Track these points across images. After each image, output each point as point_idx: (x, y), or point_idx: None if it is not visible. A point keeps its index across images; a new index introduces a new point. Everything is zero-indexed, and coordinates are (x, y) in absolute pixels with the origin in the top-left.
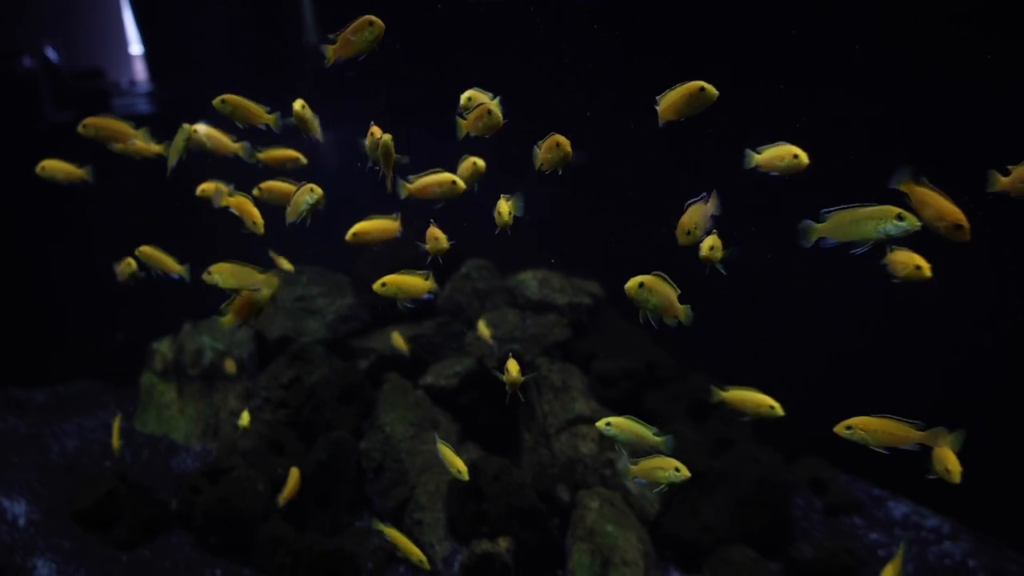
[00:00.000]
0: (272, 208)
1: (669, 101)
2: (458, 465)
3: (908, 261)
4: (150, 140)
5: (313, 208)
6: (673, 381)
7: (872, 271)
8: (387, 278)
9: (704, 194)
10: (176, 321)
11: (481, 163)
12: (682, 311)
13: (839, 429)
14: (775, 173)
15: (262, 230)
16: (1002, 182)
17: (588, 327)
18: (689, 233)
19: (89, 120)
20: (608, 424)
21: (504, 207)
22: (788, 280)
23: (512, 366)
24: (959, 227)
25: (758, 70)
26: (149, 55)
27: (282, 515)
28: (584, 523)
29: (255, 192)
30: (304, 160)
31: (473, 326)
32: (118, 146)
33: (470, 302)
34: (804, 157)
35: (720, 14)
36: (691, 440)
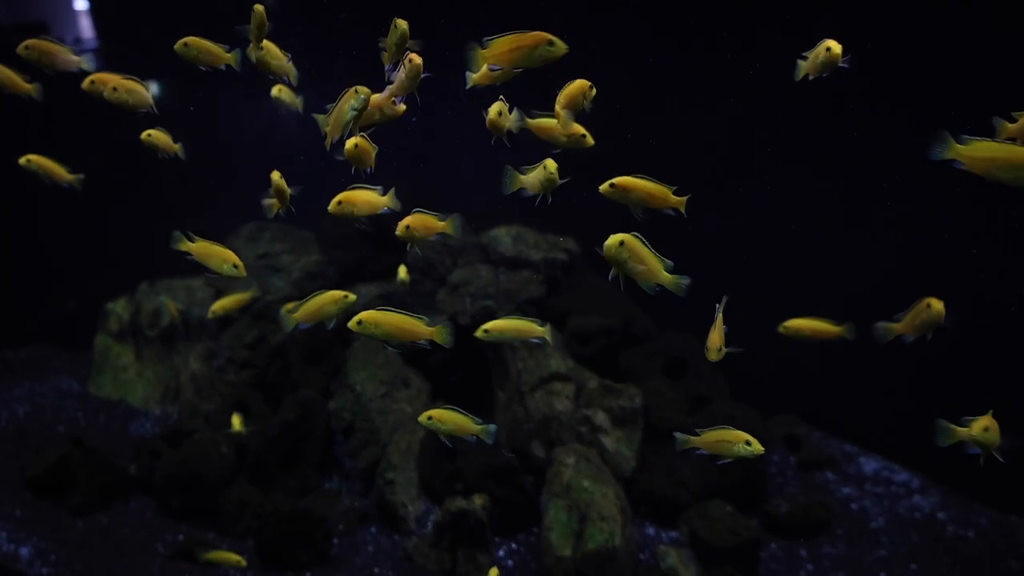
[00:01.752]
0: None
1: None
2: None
3: None
4: (89, 65)
5: (360, 115)
6: (649, 338)
7: (850, 235)
8: None
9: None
10: (130, 282)
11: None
12: (670, 280)
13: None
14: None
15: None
16: (1008, 129)
17: (563, 284)
18: (720, 350)
19: (31, 42)
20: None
21: (552, 164)
22: (766, 241)
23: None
24: None
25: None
26: (94, 10)
27: (248, 478)
28: (560, 479)
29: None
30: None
31: (445, 283)
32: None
33: (442, 259)
34: None
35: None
36: (668, 397)
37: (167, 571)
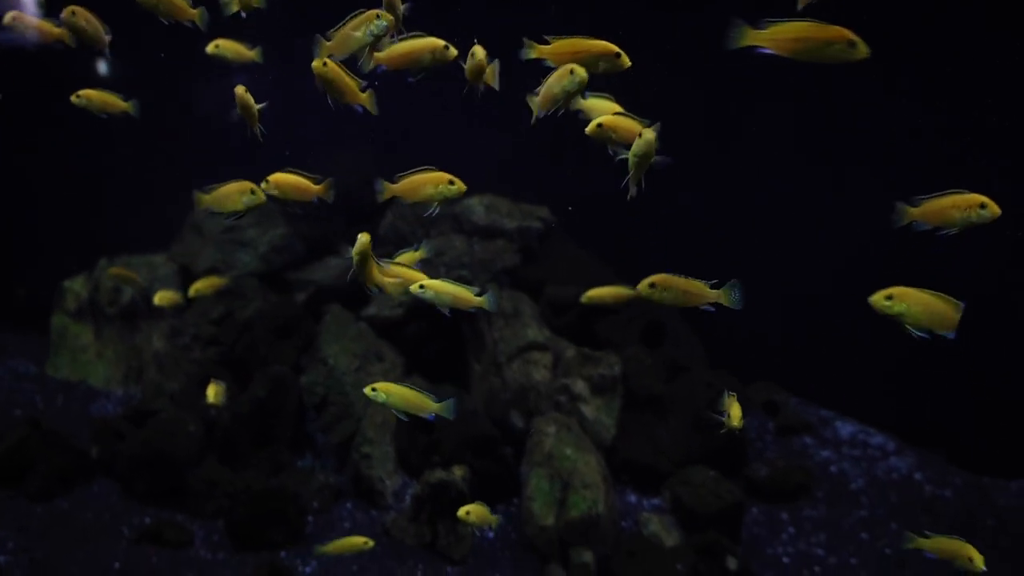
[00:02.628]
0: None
1: None
2: None
3: None
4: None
5: (379, 40)
6: (626, 307)
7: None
8: None
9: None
10: (87, 260)
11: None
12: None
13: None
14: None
15: None
16: None
17: (538, 253)
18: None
19: None
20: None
21: (581, 71)
22: (742, 207)
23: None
24: None
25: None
26: None
27: (217, 457)
28: (542, 448)
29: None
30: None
31: None
32: None
33: (414, 230)
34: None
35: None
36: (646, 364)
37: (132, 555)
